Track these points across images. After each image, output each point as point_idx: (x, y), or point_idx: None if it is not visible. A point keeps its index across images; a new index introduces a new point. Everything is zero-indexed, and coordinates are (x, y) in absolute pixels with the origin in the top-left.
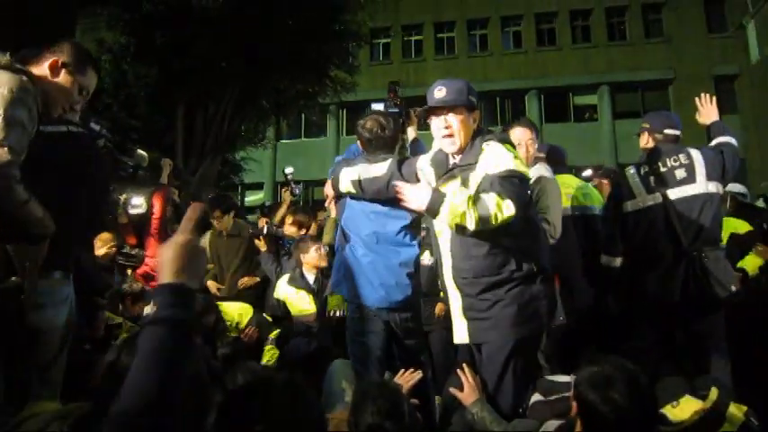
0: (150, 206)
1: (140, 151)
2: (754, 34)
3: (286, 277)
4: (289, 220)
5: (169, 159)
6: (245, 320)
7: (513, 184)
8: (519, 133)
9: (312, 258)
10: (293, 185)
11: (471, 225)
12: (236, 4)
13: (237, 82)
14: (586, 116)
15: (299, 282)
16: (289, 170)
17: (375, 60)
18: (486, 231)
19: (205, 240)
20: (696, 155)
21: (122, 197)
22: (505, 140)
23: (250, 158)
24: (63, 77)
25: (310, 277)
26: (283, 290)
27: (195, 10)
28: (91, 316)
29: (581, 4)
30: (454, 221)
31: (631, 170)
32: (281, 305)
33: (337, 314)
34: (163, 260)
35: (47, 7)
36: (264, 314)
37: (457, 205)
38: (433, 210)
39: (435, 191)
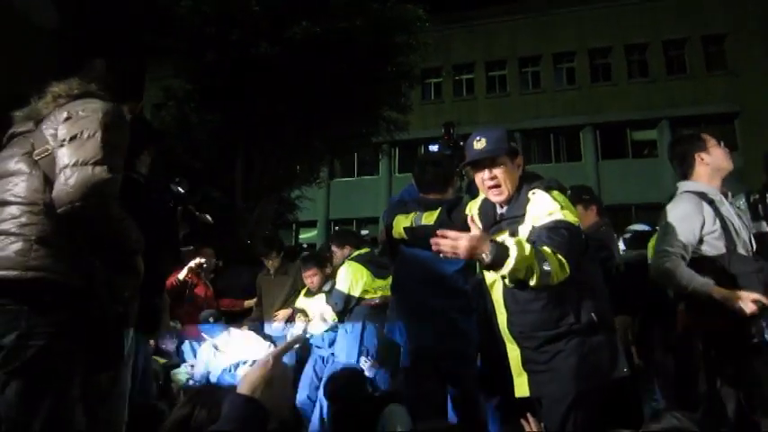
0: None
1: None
2: None
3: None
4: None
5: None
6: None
7: (561, 236)
8: None
9: None
10: None
11: (533, 282)
12: (293, 50)
13: (293, 125)
14: (645, 152)
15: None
16: None
17: (426, 99)
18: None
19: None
20: None
21: None
22: (552, 188)
23: (304, 197)
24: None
25: None
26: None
27: (254, 57)
28: None
29: (636, 38)
30: (517, 276)
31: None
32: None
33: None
34: (247, 374)
35: (119, 54)
36: None
37: (523, 260)
38: (497, 264)
39: (494, 242)
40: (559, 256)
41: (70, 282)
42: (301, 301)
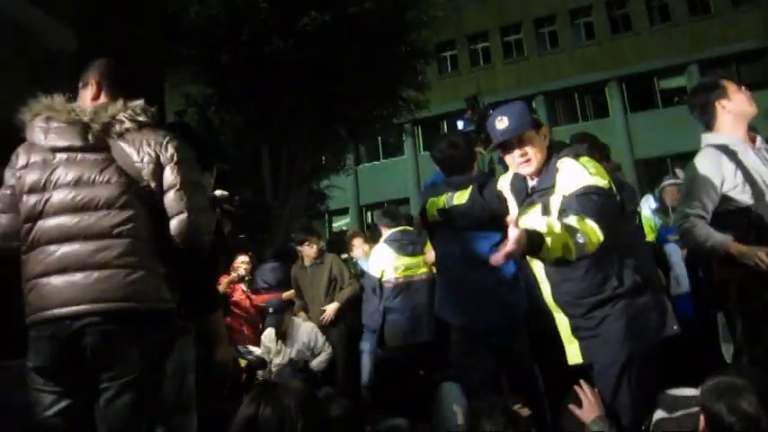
0: None
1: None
2: None
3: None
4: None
5: None
6: None
7: (591, 200)
8: None
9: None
10: None
11: (572, 257)
12: (305, 42)
13: (313, 116)
14: (675, 100)
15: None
16: None
17: (443, 74)
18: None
19: None
20: None
21: None
22: (580, 154)
23: (334, 186)
24: None
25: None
26: None
27: (267, 53)
28: None
29: None
30: (554, 256)
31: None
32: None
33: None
34: None
35: (136, 67)
36: None
37: (557, 240)
38: (534, 250)
39: (528, 231)
40: (590, 223)
41: (175, 307)
42: None
